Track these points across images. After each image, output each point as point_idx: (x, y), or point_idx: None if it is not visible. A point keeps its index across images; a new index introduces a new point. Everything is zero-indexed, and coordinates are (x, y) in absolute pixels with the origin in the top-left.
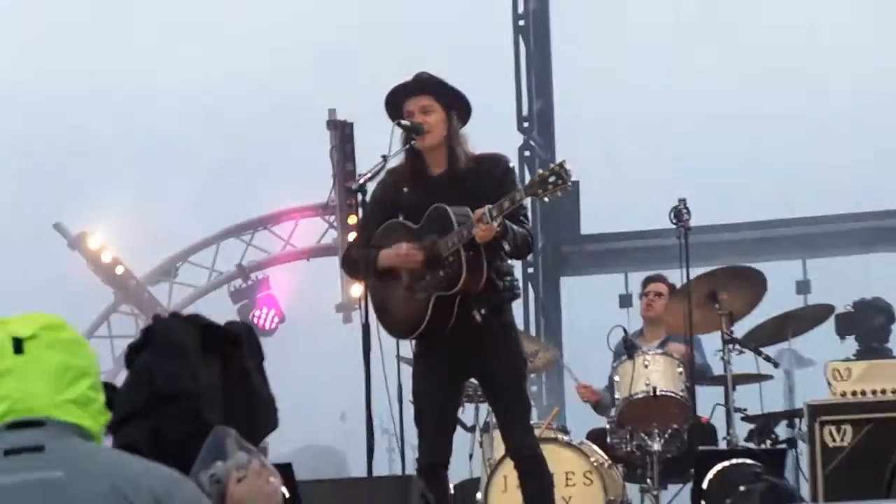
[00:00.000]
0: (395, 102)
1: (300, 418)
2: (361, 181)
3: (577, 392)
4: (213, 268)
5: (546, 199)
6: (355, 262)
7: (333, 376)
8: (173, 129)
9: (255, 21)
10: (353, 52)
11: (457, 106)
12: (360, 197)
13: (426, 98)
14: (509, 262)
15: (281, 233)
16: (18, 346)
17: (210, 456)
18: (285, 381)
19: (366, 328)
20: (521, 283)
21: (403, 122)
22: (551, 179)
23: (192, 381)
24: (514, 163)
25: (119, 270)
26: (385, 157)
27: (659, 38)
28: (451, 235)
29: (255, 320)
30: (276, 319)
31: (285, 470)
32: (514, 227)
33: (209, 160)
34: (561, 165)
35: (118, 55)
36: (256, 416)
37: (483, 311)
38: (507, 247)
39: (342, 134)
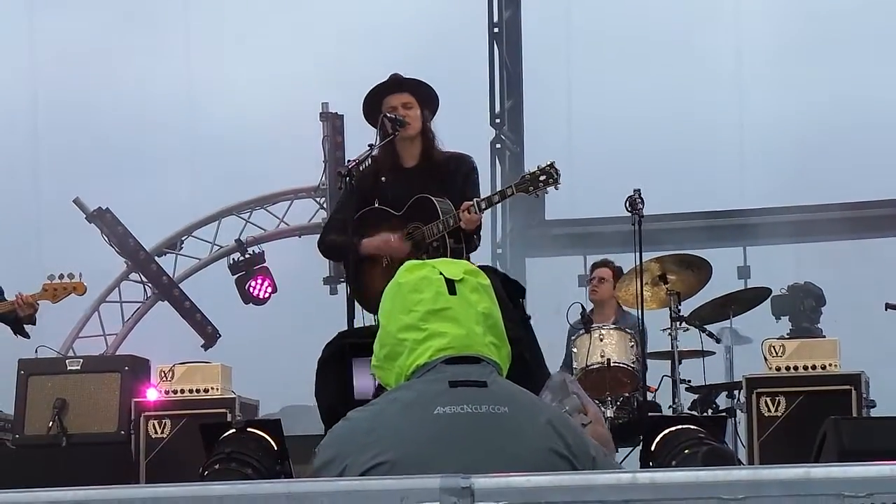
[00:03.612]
0: (375, 99)
1: (288, 380)
2: (350, 167)
3: None
4: (215, 242)
5: (537, 195)
6: (338, 247)
7: (320, 342)
8: (182, 118)
9: (260, 23)
10: (346, 52)
11: (431, 104)
12: (347, 181)
13: (407, 95)
14: None
15: (276, 212)
16: (452, 287)
17: (548, 397)
18: (277, 346)
19: (350, 299)
20: (490, 263)
21: (389, 115)
22: (542, 178)
23: (515, 327)
24: (477, 163)
25: (130, 242)
26: (371, 146)
27: (617, 44)
28: (437, 223)
29: (251, 290)
30: (269, 290)
31: (274, 425)
32: None
33: (214, 145)
34: (552, 165)
35: (130, 52)
36: (538, 358)
37: None
38: (477, 241)
39: (333, 125)
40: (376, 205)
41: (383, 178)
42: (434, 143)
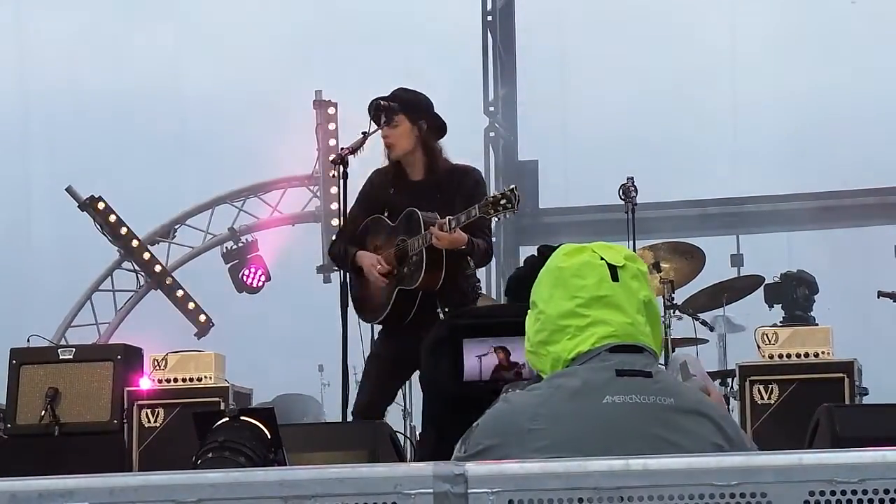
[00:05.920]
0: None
1: (282, 368)
2: (343, 155)
3: None
4: (208, 230)
5: (497, 218)
6: (338, 258)
7: (313, 331)
8: (175, 105)
9: (253, 10)
10: (339, 40)
11: (425, 117)
12: (340, 169)
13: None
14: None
15: (269, 200)
16: (615, 273)
17: None
18: (270, 335)
19: (343, 288)
20: None
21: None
22: (502, 202)
23: None
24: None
25: (123, 231)
26: (365, 134)
27: (610, 33)
28: (418, 238)
29: (244, 279)
30: (262, 278)
31: (268, 413)
32: (479, 241)
33: (206, 133)
34: (512, 191)
35: (120, 39)
36: None
37: (447, 310)
38: (471, 262)
39: (326, 113)
40: (385, 215)
41: (392, 191)
42: (437, 156)
